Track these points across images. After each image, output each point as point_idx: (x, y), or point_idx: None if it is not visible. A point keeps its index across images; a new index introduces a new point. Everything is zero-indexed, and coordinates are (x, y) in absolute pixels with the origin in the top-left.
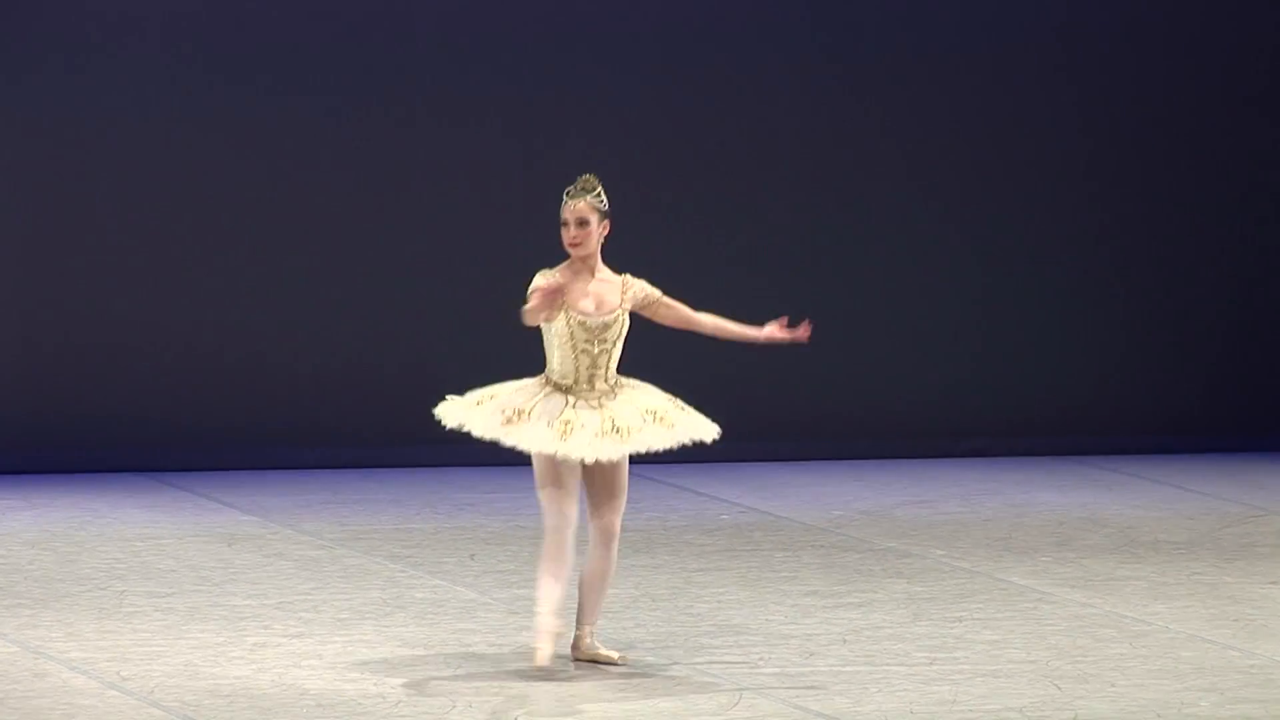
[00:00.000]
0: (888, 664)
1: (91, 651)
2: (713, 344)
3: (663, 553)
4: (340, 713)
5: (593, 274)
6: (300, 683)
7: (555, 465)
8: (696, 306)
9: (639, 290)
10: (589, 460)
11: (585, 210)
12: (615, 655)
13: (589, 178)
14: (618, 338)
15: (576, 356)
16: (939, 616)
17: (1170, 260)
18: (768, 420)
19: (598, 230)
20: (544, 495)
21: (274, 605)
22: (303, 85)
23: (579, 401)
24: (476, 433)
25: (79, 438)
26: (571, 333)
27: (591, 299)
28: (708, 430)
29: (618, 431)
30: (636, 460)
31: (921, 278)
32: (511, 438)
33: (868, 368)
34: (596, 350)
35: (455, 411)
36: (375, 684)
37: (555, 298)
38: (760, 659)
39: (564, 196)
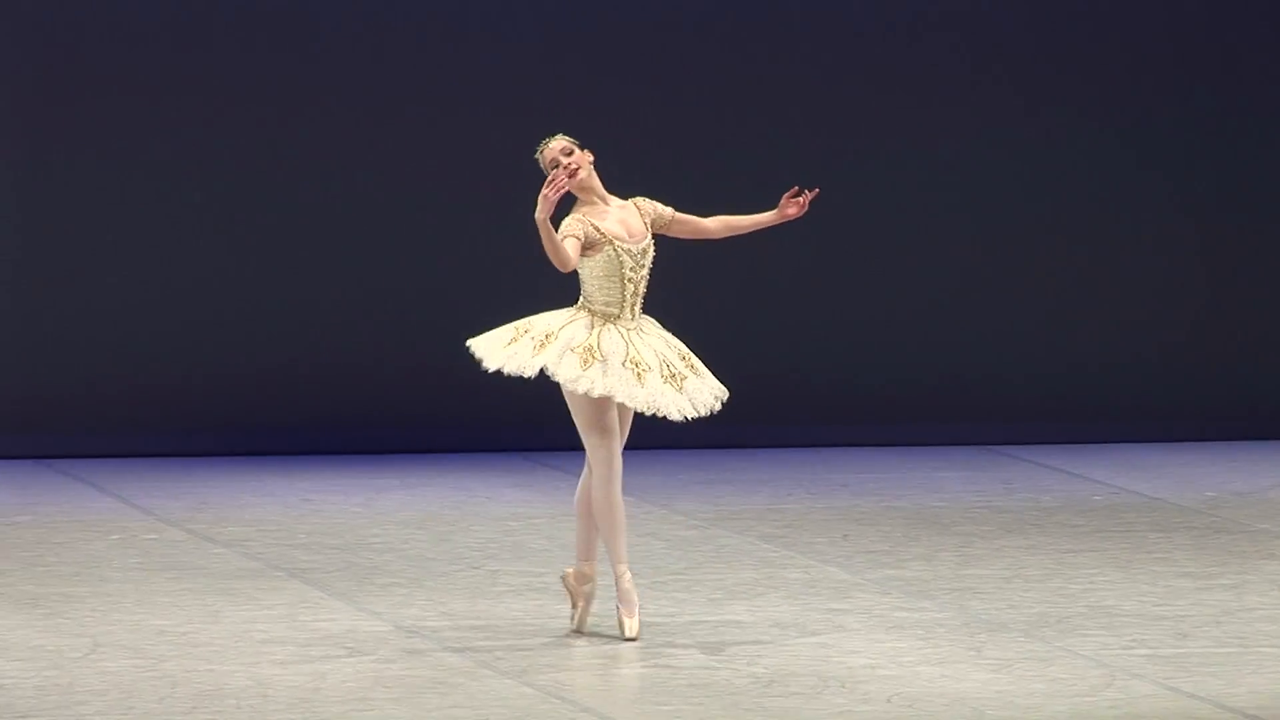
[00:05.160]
0: (1260, 645)
1: (465, 631)
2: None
3: (1035, 534)
4: (714, 692)
5: (607, 204)
6: (674, 662)
7: (609, 402)
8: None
9: (654, 210)
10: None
11: (564, 143)
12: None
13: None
14: (652, 262)
15: (623, 285)
16: None
17: None
18: (1139, 401)
19: (585, 156)
20: (602, 439)
21: (647, 585)
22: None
23: (629, 332)
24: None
25: (455, 417)
26: (621, 261)
27: (621, 226)
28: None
29: (674, 377)
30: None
31: None
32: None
33: (1241, 350)
34: (638, 277)
35: (515, 355)
36: (747, 663)
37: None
38: (1133, 640)
39: (537, 155)
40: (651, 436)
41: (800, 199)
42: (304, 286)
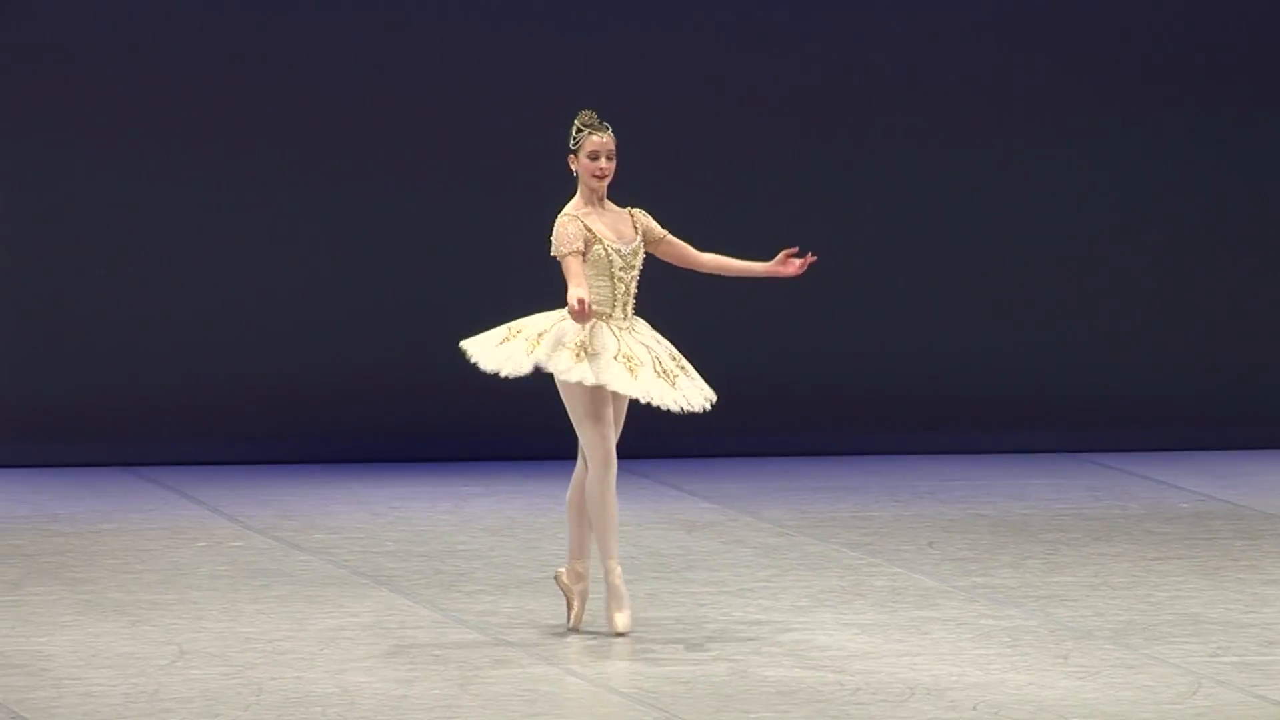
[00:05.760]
0: None
1: (550, 638)
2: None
3: (1122, 541)
4: (799, 699)
5: (603, 206)
6: (759, 670)
7: (604, 396)
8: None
9: (647, 223)
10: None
11: (609, 144)
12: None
13: (593, 112)
14: (641, 265)
15: (613, 284)
16: None
17: None
18: (1227, 408)
19: (610, 166)
20: (599, 432)
21: (733, 592)
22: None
23: (619, 329)
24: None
25: (543, 424)
26: (610, 260)
27: (611, 229)
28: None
29: (667, 374)
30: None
31: None
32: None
33: None
34: (629, 277)
35: (509, 354)
36: (834, 671)
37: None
38: (1220, 648)
39: (581, 129)
40: (737, 444)
41: (800, 261)
42: (395, 294)
